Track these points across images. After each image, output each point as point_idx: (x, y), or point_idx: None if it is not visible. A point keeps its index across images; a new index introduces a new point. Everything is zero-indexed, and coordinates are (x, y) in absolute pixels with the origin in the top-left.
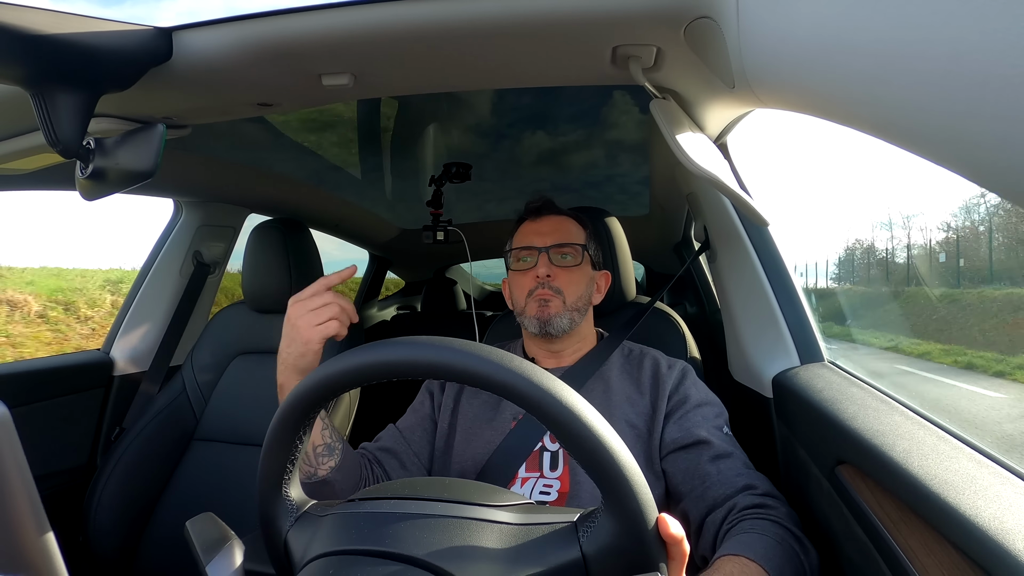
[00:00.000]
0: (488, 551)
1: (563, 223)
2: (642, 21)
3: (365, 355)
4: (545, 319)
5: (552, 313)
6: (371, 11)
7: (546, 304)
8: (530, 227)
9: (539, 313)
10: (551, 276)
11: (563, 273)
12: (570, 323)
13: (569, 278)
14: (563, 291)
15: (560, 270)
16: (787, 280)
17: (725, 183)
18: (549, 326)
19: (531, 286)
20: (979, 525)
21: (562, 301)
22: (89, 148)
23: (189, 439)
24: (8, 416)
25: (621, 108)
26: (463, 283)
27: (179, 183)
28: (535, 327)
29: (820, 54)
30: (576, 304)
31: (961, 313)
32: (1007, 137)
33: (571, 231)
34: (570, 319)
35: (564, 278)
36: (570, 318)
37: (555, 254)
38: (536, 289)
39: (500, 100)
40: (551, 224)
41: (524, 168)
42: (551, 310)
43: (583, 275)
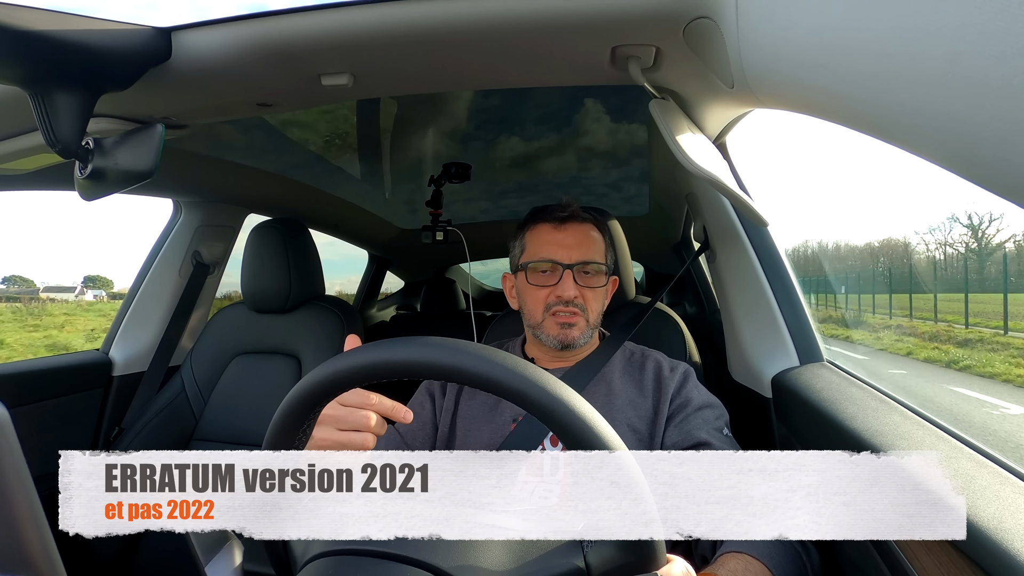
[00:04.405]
0: (491, 554)
1: (587, 234)
2: (641, 21)
3: (365, 355)
4: (568, 341)
5: (576, 335)
6: (371, 11)
7: (570, 327)
8: (553, 235)
9: (561, 335)
10: (577, 296)
11: (587, 292)
12: (588, 338)
13: (592, 296)
14: (587, 308)
15: (585, 289)
16: (787, 280)
17: (724, 183)
18: (571, 346)
19: (550, 301)
20: (979, 525)
21: (585, 320)
22: (88, 148)
23: (188, 439)
24: (8, 416)
25: (620, 108)
26: (462, 283)
27: (179, 183)
28: (555, 344)
29: (820, 54)
30: (596, 320)
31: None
32: (1006, 138)
33: (595, 245)
34: (590, 334)
35: (588, 296)
36: (590, 334)
37: (580, 272)
38: (556, 306)
39: (499, 99)
40: (576, 236)
41: (523, 167)
42: (575, 332)
43: (603, 291)
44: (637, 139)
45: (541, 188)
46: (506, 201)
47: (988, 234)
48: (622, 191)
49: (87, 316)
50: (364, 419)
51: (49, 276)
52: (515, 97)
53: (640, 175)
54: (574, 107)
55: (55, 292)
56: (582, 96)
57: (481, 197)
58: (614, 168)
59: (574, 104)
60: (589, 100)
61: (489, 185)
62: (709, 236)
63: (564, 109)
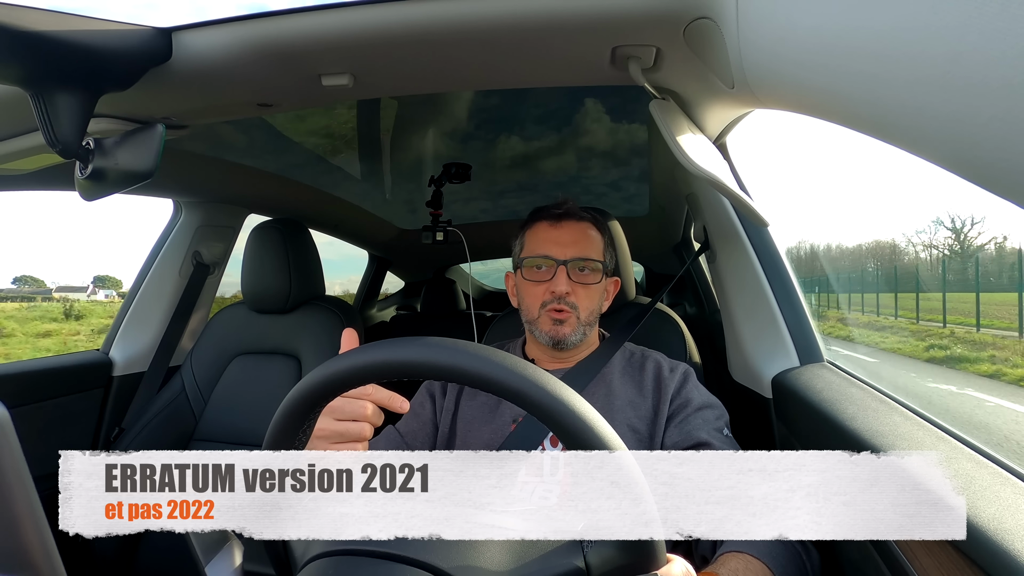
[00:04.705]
0: (491, 554)
1: (584, 232)
2: (642, 22)
3: (365, 355)
4: (559, 338)
5: (567, 332)
6: (371, 11)
7: (561, 323)
8: (549, 233)
9: (552, 331)
10: (569, 293)
11: (580, 289)
12: (582, 337)
13: (586, 293)
14: (578, 307)
15: (578, 286)
16: (787, 281)
17: (725, 183)
18: (563, 343)
19: (545, 298)
20: (979, 525)
21: (576, 317)
22: (89, 148)
23: (188, 439)
24: (8, 416)
25: (620, 108)
26: (462, 283)
27: (179, 183)
28: (547, 341)
29: (820, 55)
30: (589, 319)
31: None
32: (1007, 138)
33: (591, 242)
34: (582, 333)
35: (581, 294)
36: (583, 332)
37: (574, 269)
38: (551, 302)
39: (500, 99)
40: (572, 233)
41: (524, 167)
42: (566, 329)
43: (598, 290)
44: (637, 139)
45: (541, 188)
46: (506, 201)
47: (970, 237)
48: (622, 191)
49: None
50: (361, 409)
51: (58, 276)
52: (515, 97)
53: (640, 175)
54: (574, 107)
55: (68, 292)
56: (582, 96)
57: (481, 197)
58: (614, 168)
59: (574, 104)
60: (589, 100)
61: (489, 185)
62: (709, 236)
63: (564, 109)
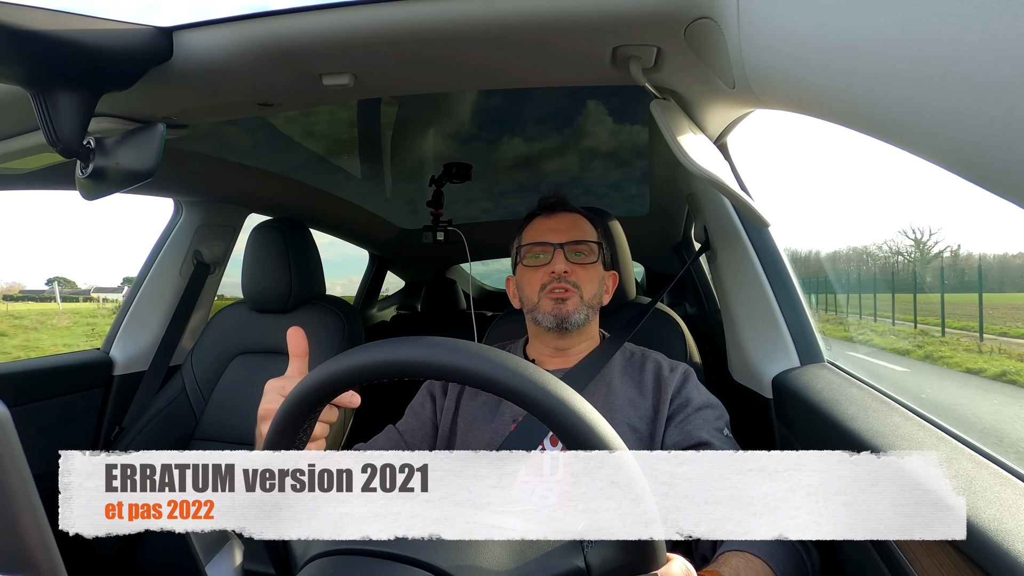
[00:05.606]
0: (491, 554)
1: (577, 221)
2: (642, 22)
3: (365, 355)
4: (563, 316)
5: (570, 310)
6: (371, 11)
7: (563, 301)
8: (544, 223)
9: (556, 310)
10: (568, 272)
11: (580, 269)
12: (586, 318)
13: (585, 275)
14: (581, 286)
15: (576, 267)
16: (787, 281)
17: (725, 183)
18: (567, 322)
19: (545, 281)
20: (979, 526)
21: (579, 296)
22: (89, 147)
23: (188, 439)
24: (8, 416)
25: (621, 108)
26: (463, 283)
27: (179, 183)
28: (551, 322)
29: (820, 55)
30: (592, 301)
31: None
32: (1008, 138)
33: (585, 229)
34: (586, 314)
35: (581, 274)
36: (586, 313)
37: (571, 251)
38: (550, 283)
39: (501, 100)
40: (566, 221)
41: (524, 168)
42: (569, 307)
43: (597, 273)
44: (638, 139)
45: (542, 188)
46: (507, 201)
47: (928, 245)
48: (623, 191)
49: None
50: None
51: (89, 278)
52: (516, 97)
53: (641, 175)
54: (575, 107)
55: (105, 292)
56: (583, 96)
57: (482, 197)
58: (615, 168)
59: (575, 104)
60: (590, 101)
61: (490, 185)
62: (710, 236)
63: (565, 109)
